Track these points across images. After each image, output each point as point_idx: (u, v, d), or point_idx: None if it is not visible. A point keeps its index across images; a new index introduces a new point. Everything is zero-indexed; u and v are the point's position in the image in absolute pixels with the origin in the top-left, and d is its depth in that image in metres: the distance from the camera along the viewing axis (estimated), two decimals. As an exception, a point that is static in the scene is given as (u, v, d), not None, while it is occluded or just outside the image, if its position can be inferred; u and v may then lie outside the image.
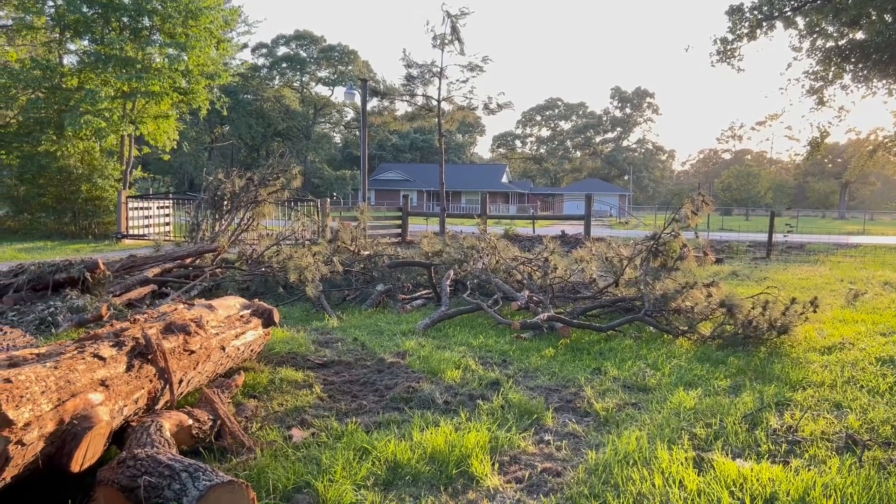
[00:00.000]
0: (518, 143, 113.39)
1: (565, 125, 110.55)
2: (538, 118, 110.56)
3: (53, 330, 6.32)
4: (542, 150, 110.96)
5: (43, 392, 2.73)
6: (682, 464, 3.49)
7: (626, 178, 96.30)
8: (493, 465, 3.56)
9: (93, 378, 3.12)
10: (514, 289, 8.64)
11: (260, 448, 3.71)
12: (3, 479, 2.52)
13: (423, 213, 27.47)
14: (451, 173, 68.09)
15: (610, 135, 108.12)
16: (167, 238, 18.73)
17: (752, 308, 6.70)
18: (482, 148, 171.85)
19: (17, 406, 2.54)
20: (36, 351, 3.48)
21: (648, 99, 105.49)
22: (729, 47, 26.57)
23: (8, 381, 2.60)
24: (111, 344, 3.47)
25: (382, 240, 13.60)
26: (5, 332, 4.48)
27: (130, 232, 19.72)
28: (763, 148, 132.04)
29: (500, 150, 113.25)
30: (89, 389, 3.04)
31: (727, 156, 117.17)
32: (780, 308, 6.65)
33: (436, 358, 5.75)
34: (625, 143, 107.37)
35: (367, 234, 12.24)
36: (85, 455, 2.85)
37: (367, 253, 10.84)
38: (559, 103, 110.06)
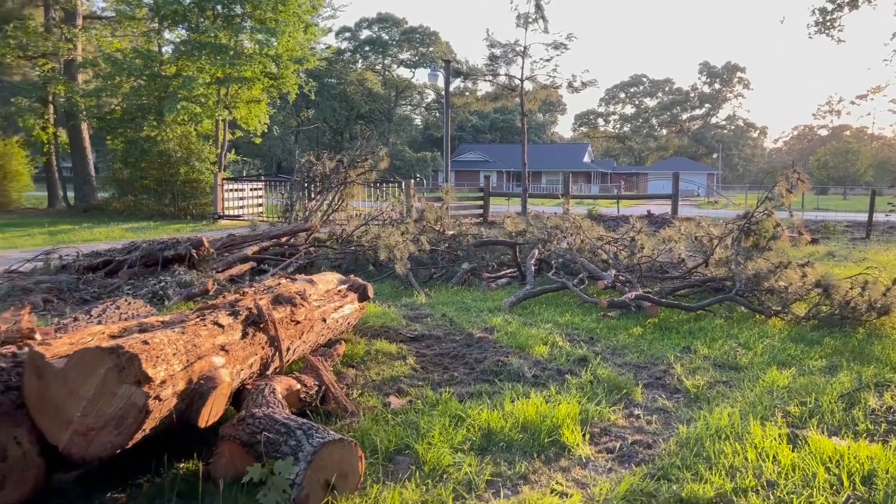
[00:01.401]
0: (601, 121, 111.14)
1: (650, 102, 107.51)
2: (622, 95, 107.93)
3: (165, 302, 6.80)
4: (625, 129, 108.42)
5: (174, 354, 3.02)
6: (775, 439, 3.50)
7: (714, 156, 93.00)
8: (583, 435, 3.67)
9: (214, 343, 3.41)
10: (600, 268, 8.64)
11: (362, 412, 3.94)
12: (144, 430, 2.81)
13: (504, 193, 27.49)
14: (531, 153, 67.40)
15: (698, 111, 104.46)
16: (261, 218, 19.51)
17: (851, 288, 6.49)
18: (563, 127, 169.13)
19: (154, 365, 2.83)
20: (161, 318, 3.81)
21: (739, 74, 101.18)
22: (828, 17, 25.23)
23: (146, 343, 2.90)
24: (228, 313, 3.76)
25: (465, 220, 13.78)
26: (130, 303, 4.90)
27: (226, 213, 20.65)
28: (864, 123, 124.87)
29: (581, 128, 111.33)
30: (212, 353, 3.33)
31: (824, 132, 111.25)
32: (880, 289, 6.42)
33: (523, 334, 5.87)
34: (713, 120, 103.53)
35: (450, 215, 12.45)
36: (210, 412, 3.13)
37: (451, 233, 11.04)
38: (644, 80, 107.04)
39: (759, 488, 3.03)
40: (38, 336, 3.38)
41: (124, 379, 2.74)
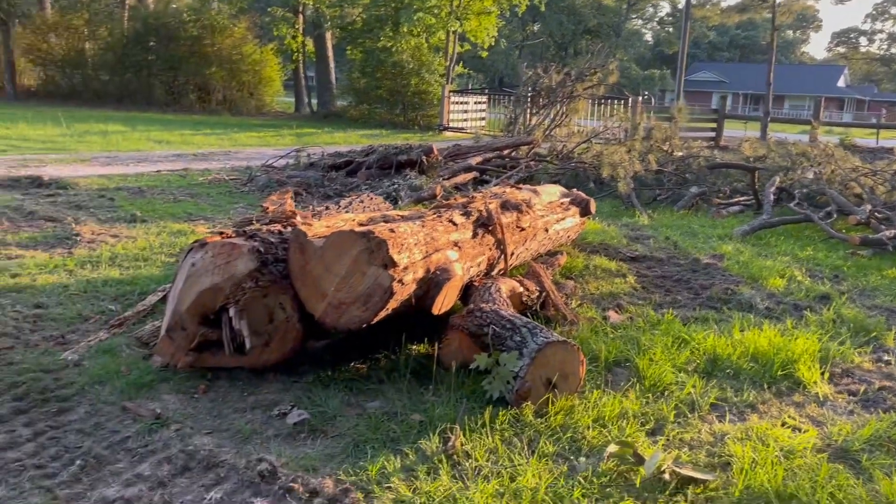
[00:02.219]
0: (863, 40, 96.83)
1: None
2: (894, 10, 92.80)
3: (398, 203, 7.25)
4: (893, 50, 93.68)
5: (415, 244, 3.22)
6: None
7: None
8: (822, 374, 3.40)
9: (448, 239, 3.59)
10: (852, 202, 7.75)
11: (581, 322, 3.98)
12: (387, 309, 3.07)
13: (739, 116, 25.35)
14: (775, 75, 60.93)
15: None
16: (483, 131, 19.86)
17: None
18: (815, 47, 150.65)
19: (399, 252, 3.05)
20: (401, 213, 4.07)
21: None
22: None
23: (392, 231, 3.12)
24: (461, 213, 3.92)
25: (693, 142, 12.98)
26: (371, 198, 5.31)
27: (450, 125, 21.27)
28: None
29: (838, 48, 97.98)
30: (447, 248, 3.51)
31: None
32: None
33: (756, 265, 5.50)
34: None
35: (678, 136, 11.76)
36: (443, 301, 3.33)
37: (679, 154, 10.48)
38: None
39: None
40: (298, 218, 3.78)
41: (373, 261, 2.99)
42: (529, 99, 12.55)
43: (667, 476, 2.41)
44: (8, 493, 2.25)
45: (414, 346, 3.56)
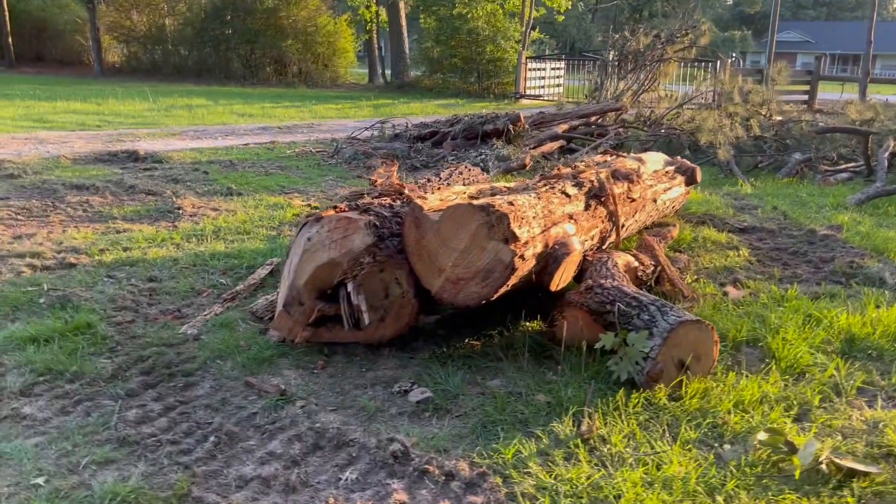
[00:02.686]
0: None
1: None
2: None
3: (489, 174, 7.11)
4: None
5: (534, 217, 3.09)
6: None
7: None
8: (977, 357, 3.12)
9: (563, 211, 3.43)
10: (978, 168, 7.16)
11: (701, 299, 3.77)
12: (507, 285, 2.95)
13: (833, 77, 23.93)
14: (864, 33, 57.23)
15: None
16: (563, 98, 19.35)
17: None
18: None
19: (519, 226, 2.92)
20: (507, 185, 3.93)
21: None
22: None
23: (511, 203, 2.99)
24: (572, 184, 3.75)
25: (786, 106, 12.32)
26: (469, 169, 5.18)
27: (526, 92, 20.83)
28: None
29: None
30: (563, 221, 3.36)
31: None
32: None
33: (879, 235, 5.14)
34: None
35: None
36: (561, 277, 3.20)
37: (778, 118, 9.94)
38: None
39: None
40: (406, 191, 3.69)
41: (493, 235, 2.88)
42: (616, 63, 12.09)
43: (824, 467, 2.23)
44: (148, 468, 2.26)
45: (527, 323, 3.45)
